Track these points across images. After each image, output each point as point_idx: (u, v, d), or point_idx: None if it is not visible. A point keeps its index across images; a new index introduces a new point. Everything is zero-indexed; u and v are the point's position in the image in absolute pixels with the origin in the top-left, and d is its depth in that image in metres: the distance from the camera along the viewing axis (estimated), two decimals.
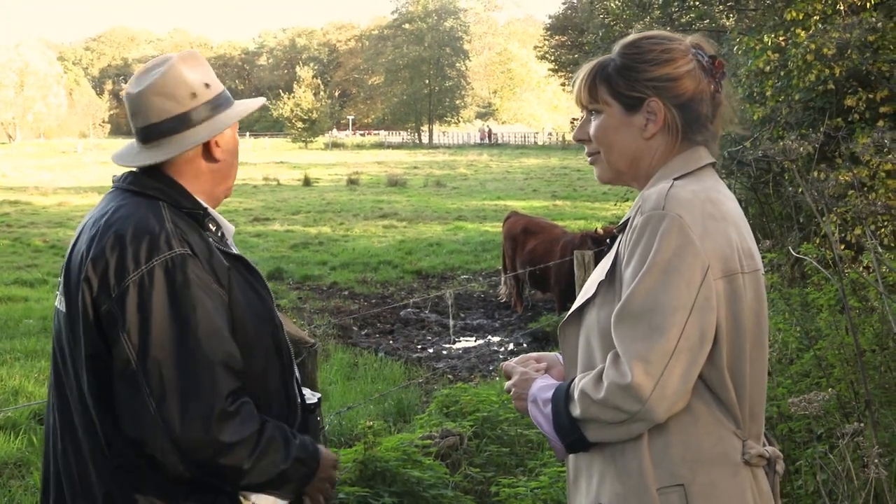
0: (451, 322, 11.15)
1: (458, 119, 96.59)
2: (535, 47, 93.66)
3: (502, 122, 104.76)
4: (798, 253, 4.24)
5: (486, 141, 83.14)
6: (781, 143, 3.28)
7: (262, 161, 51.75)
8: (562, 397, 2.04)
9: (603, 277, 2.03)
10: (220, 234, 2.31)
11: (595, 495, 2.06)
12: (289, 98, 78.43)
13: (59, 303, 2.24)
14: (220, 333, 2.10)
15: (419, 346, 10.74)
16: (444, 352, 10.55)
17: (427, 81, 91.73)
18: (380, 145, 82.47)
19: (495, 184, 36.23)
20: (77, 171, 43.12)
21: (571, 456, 2.15)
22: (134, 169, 2.31)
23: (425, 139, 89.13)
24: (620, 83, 2.09)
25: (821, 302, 4.42)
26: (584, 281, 7.88)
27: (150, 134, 2.27)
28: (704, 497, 1.95)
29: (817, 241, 8.05)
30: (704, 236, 1.92)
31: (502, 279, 13.40)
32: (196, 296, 2.07)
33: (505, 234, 13.29)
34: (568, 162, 50.61)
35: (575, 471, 2.16)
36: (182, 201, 2.24)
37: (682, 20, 15.38)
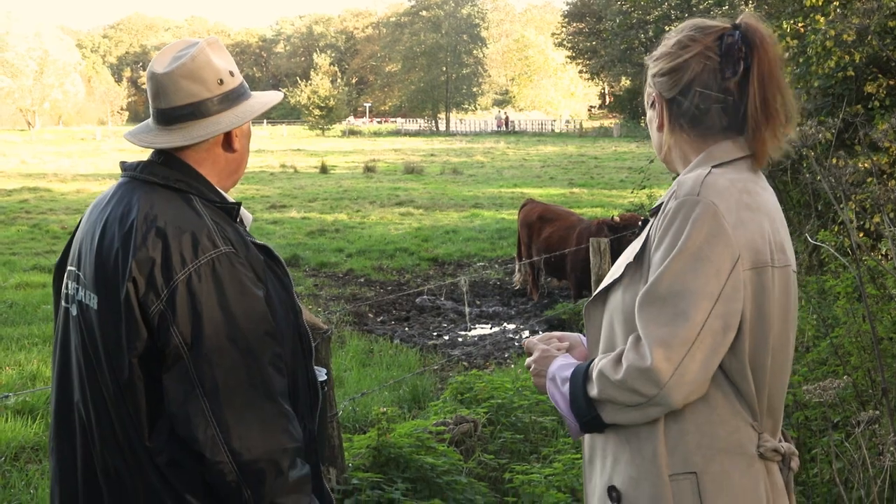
0: (468, 309, 11.15)
1: (475, 106, 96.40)
2: (553, 34, 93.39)
3: (519, 110, 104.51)
4: (815, 240, 4.20)
5: (503, 128, 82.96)
6: (800, 129, 3.23)
7: (280, 148, 51.81)
8: (580, 377, 2.05)
9: (631, 259, 2.03)
10: (239, 221, 2.31)
11: (608, 477, 2.06)
12: (306, 86, 78.44)
13: (81, 296, 2.20)
14: (269, 331, 2.11)
15: (434, 333, 10.75)
16: (460, 339, 10.55)
17: (444, 69, 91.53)
18: (396, 133, 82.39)
19: (512, 171, 36.15)
20: (95, 158, 43.26)
21: (587, 436, 2.16)
22: (147, 157, 2.30)
23: (442, 127, 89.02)
24: (647, 79, 2.17)
25: (838, 290, 4.38)
26: (600, 268, 7.86)
27: (172, 117, 2.24)
28: (716, 486, 1.94)
29: (835, 229, 7.99)
30: (737, 226, 1.92)
31: (517, 266, 13.38)
32: (243, 294, 2.08)
33: (521, 222, 13.26)
34: (585, 150, 50.46)
35: (590, 451, 2.16)
36: (209, 194, 2.23)
37: (701, 7, 15.27)
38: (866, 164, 8.45)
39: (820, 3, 10.15)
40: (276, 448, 2.06)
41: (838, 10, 10.25)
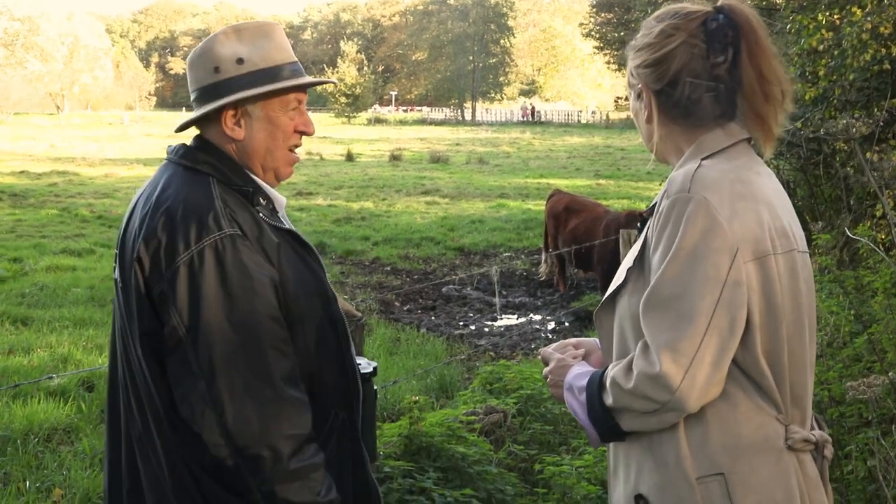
0: (497, 299, 11.12)
1: (501, 96, 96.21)
2: (581, 24, 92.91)
3: (546, 100, 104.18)
4: (854, 234, 4.15)
5: (529, 119, 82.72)
6: (844, 122, 3.18)
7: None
8: (595, 386, 2.02)
9: (631, 264, 2.00)
10: (271, 208, 2.29)
11: (633, 486, 2.03)
12: (332, 73, 78.51)
13: (116, 275, 2.27)
14: (272, 315, 2.10)
15: (461, 323, 10.73)
16: (486, 329, 10.53)
17: (471, 58, 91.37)
18: (422, 121, 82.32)
19: (538, 162, 36.05)
20: (123, 143, 43.59)
21: (611, 445, 2.13)
22: (188, 141, 2.34)
23: (468, 116, 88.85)
24: (629, 70, 2.13)
25: (876, 285, 4.33)
26: None
27: (193, 100, 2.33)
28: (745, 485, 1.90)
29: (869, 224, 7.90)
30: (733, 218, 1.87)
31: (543, 257, 13.34)
32: (245, 276, 2.07)
33: (547, 212, 13.20)
34: (611, 141, 50.24)
35: (614, 460, 2.13)
36: (232, 177, 2.23)
37: None
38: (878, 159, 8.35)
39: None
40: (274, 434, 2.05)
41: (876, 1, 10.13)
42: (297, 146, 2.37)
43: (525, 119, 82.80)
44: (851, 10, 10.13)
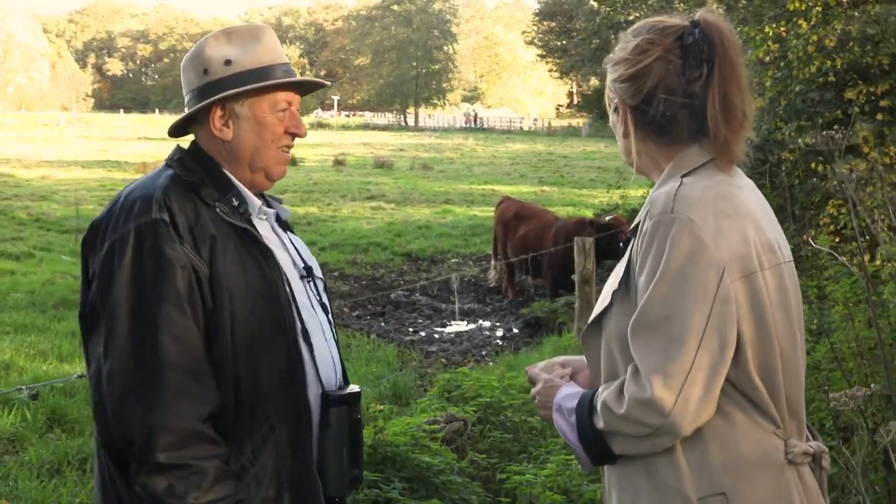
0: (456, 305, 11.09)
1: (444, 102, 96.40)
2: (524, 32, 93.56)
3: (488, 107, 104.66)
4: (816, 245, 4.19)
5: (472, 125, 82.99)
6: (825, 133, 3.21)
7: None
8: (585, 408, 1.98)
9: (616, 287, 1.97)
10: (234, 206, 2.25)
11: None
12: None
13: None
14: (176, 302, 2.06)
15: (411, 329, 10.69)
16: (437, 335, 10.51)
17: (414, 64, 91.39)
18: (365, 126, 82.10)
19: (482, 168, 36.16)
20: (60, 145, 42.72)
21: (606, 469, 2.09)
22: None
23: (411, 121, 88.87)
24: (608, 84, 2.10)
25: (837, 295, 4.37)
26: (584, 267, 7.82)
27: (186, 105, 2.34)
28: (748, 503, 1.88)
29: (812, 234, 8.03)
30: (718, 237, 1.85)
31: (493, 264, 13.35)
32: (157, 261, 2.07)
33: (497, 219, 13.24)
34: (554, 148, 50.59)
35: (609, 483, 2.09)
36: (191, 171, 2.25)
37: (680, 8, 15.36)
38: (845, 170, 8.50)
39: (803, 8, 10.18)
40: (150, 422, 2.00)
41: (820, 15, 10.32)
42: (288, 147, 2.35)
43: (468, 125, 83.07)
44: (798, 23, 10.30)
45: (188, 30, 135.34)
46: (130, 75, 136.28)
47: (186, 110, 2.32)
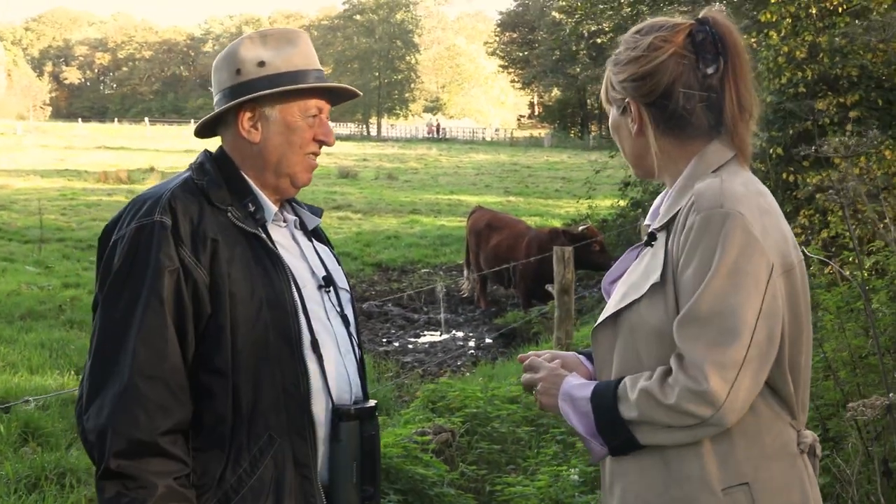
0: (442, 315, 11.05)
1: (406, 112, 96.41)
2: (486, 43, 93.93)
3: (450, 117, 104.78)
4: (810, 253, 4.20)
5: (434, 135, 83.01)
6: (836, 140, 3.22)
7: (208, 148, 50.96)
8: (608, 398, 1.96)
9: (658, 279, 1.94)
10: (252, 211, 2.21)
11: (644, 502, 1.98)
12: None
13: None
14: (155, 306, 2.04)
15: (384, 340, 10.63)
16: (410, 346, 10.46)
17: (377, 74, 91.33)
18: None
19: (447, 178, 36.20)
20: (17, 154, 42.02)
21: (608, 461, 2.07)
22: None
23: (373, 132, 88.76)
24: (610, 87, 2.09)
25: (829, 303, 4.39)
26: (563, 277, 7.80)
27: (216, 105, 2.31)
28: (769, 492, 1.92)
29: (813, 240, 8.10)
30: (764, 233, 1.87)
31: (465, 274, 13.32)
32: (147, 261, 2.06)
33: (469, 229, 13.21)
34: (517, 158, 50.75)
35: (611, 476, 2.07)
36: (206, 174, 2.23)
37: (645, 18, 15.46)
38: (815, 180, 8.58)
39: (774, 20, 10.29)
40: (106, 426, 1.99)
41: (790, 27, 10.44)
42: (316, 154, 2.32)
43: (430, 135, 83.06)
44: (768, 34, 10.41)
45: (147, 38, 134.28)
46: (88, 84, 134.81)
47: (216, 110, 2.29)
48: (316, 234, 2.48)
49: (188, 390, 2.07)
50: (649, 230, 2.07)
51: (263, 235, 2.20)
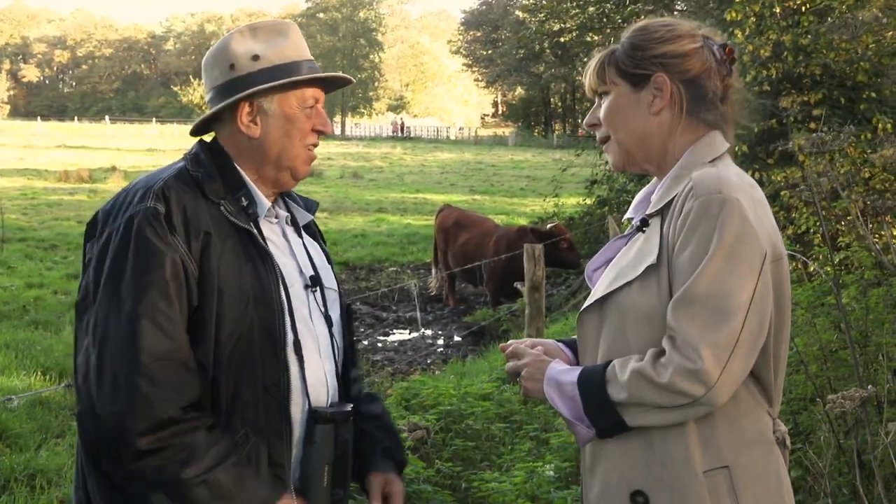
0: (418, 313, 11.04)
1: (370, 111, 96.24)
2: (449, 42, 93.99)
3: (414, 116, 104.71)
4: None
5: (399, 134, 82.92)
6: (813, 136, 3.27)
7: (172, 148, 50.58)
8: (597, 380, 2.00)
9: (654, 261, 1.99)
10: (245, 205, 2.20)
11: (627, 482, 2.02)
12: (199, 84, 76.96)
13: None
14: (162, 291, 2.02)
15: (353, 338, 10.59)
16: (380, 344, 10.45)
17: (340, 72, 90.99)
18: None
19: (412, 177, 36.19)
20: None
21: (589, 445, 2.11)
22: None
23: (338, 130, 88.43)
24: (628, 62, 2.12)
25: (801, 299, 4.45)
26: (534, 274, 7.84)
27: (208, 101, 2.30)
28: (747, 476, 1.97)
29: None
30: (757, 221, 1.93)
31: (433, 272, 13.34)
32: (146, 251, 2.04)
33: (437, 227, 13.23)
34: (482, 157, 50.86)
35: (593, 458, 2.11)
36: (201, 166, 2.21)
37: (617, 19, 15.55)
38: (780, 178, 8.69)
39: (739, 18, 10.40)
40: (125, 410, 1.97)
41: (754, 26, 10.55)
42: (314, 145, 2.31)
43: (395, 134, 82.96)
44: (733, 33, 10.51)
45: (107, 36, 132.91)
46: (47, 82, 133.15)
47: (210, 107, 2.28)
48: (309, 229, 2.47)
49: (197, 371, 2.06)
50: (642, 215, 2.11)
51: (255, 231, 2.19)
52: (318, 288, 2.32)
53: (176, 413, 1.99)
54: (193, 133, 2.36)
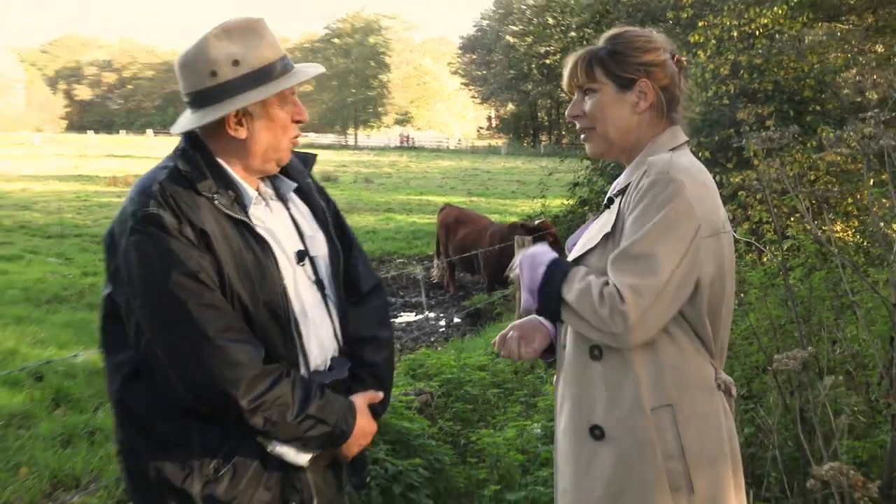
0: (423, 299, 11.07)
1: (379, 125, 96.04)
2: (449, 63, 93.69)
3: (418, 129, 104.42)
4: (739, 237, 4.31)
5: (405, 144, 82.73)
6: (764, 134, 3.33)
7: None
8: (559, 275, 2.07)
9: (609, 230, 2.06)
10: (233, 198, 2.10)
11: (587, 418, 2.09)
12: None
13: None
14: (198, 277, 1.97)
15: None
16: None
17: (353, 90, 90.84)
18: (310, 145, 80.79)
19: (417, 181, 36.13)
20: (36, 162, 41.35)
21: (560, 386, 2.20)
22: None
23: (351, 141, 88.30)
24: (613, 66, 2.13)
25: (753, 279, 4.50)
26: None
27: (187, 101, 2.15)
28: (689, 414, 2.03)
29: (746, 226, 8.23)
30: (699, 201, 1.99)
31: (436, 263, 13.37)
32: (165, 252, 1.97)
33: (439, 223, 13.26)
34: (478, 165, 50.73)
35: (562, 398, 2.19)
36: (191, 163, 2.09)
37: (593, 41, 15.56)
38: (737, 179, 8.73)
39: (701, 41, 10.44)
40: (218, 381, 1.94)
41: (714, 47, 10.58)
42: (297, 136, 2.22)
43: (402, 144, 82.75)
44: (696, 54, 10.55)
45: (149, 60, 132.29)
46: (97, 100, 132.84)
47: (189, 110, 2.13)
48: (300, 191, 2.34)
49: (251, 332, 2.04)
50: (607, 196, 2.19)
51: (250, 222, 2.10)
52: (306, 260, 2.22)
53: (259, 370, 1.99)
54: (177, 131, 2.17)
